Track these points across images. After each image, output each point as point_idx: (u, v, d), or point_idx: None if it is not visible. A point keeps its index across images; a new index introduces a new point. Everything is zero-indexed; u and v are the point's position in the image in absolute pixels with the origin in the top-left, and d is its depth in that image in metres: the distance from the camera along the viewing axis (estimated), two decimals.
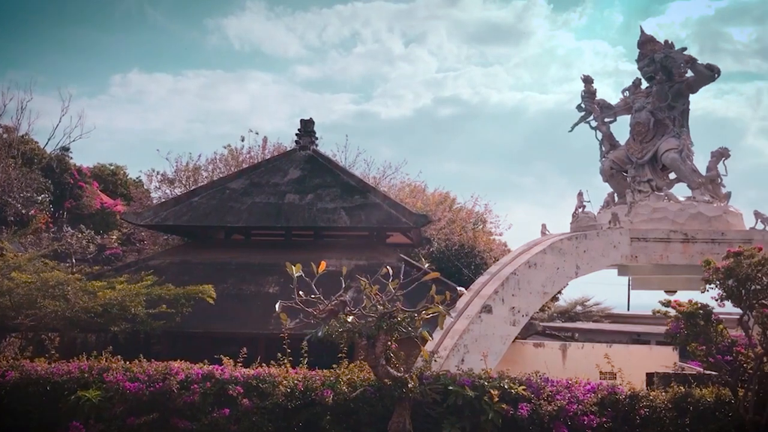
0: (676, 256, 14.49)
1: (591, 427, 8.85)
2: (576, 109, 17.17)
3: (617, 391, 9.33)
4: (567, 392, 9.23)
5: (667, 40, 15.84)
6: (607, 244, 14.45)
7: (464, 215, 27.13)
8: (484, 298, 13.03)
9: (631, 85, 16.69)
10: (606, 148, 16.71)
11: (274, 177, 19.38)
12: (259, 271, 17.25)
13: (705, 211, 14.91)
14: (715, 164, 15.53)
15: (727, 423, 8.95)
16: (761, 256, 9.13)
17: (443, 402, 9.12)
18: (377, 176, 27.64)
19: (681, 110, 15.91)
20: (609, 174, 16.49)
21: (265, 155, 27.05)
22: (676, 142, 15.51)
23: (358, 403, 9.22)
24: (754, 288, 9.06)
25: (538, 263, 13.75)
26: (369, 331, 8.44)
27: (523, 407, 8.87)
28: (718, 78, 15.64)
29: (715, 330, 9.27)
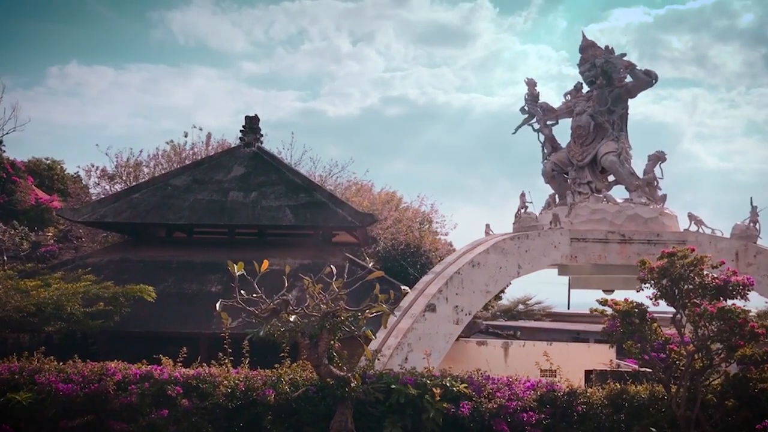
0: (614, 256, 14.88)
1: (530, 423, 9.01)
2: (520, 112, 17.45)
3: (556, 388, 9.53)
4: (507, 390, 9.38)
5: (607, 46, 16.24)
6: (548, 244, 14.73)
7: (411, 215, 27.26)
8: (429, 297, 13.13)
9: (572, 89, 17.06)
10: (548, 150, 17.03)
11: (217, 174, 19.07)
12: (201, 270, 16.95)
13: (642, 212, 15.35)
14: (652, 167, 16.00)
15: (660, 418, 9.24)
16: (694, 256, 9.45)
17: (386, 401, 9.15)
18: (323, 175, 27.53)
19: (620, 114, 16.33)
20: (551, 176, 16.80)
21: (208, 152, 26.60)
22: (615, 146, 15.91)
23: (300, 403, 9.17)
24: (686, 287, 9.38)
25: (482, 263, 13.93)
26: (312, 330, 8.40)
27: (465, 405, 8.97)
28: (655, 83, 16.13)
29: (649, 328, 9.55)
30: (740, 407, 9.04)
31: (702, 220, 15.15)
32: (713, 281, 9.29)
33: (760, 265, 14.44)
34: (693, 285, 9.32)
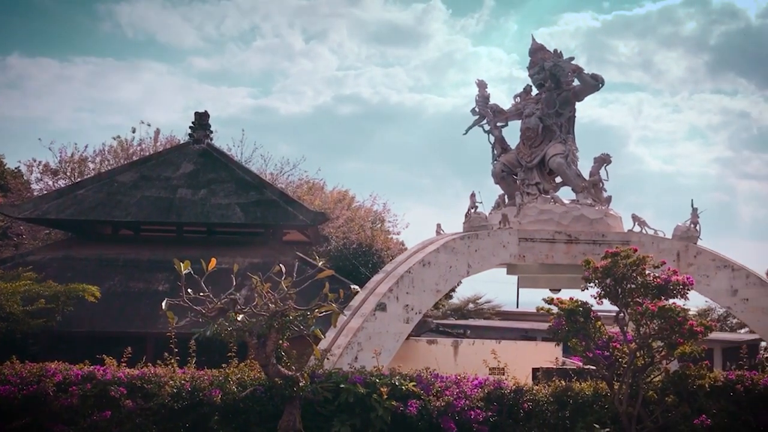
0: (561, 255, 15.16)
1: (477, 421, 9.12)
2: (471, 113, 17.62)
3: (503, 385, 9.67)
4: (456, 388, 9.47)
5: (556, 50, 16.53)
6: (497, 244, 14.92)
7: (363, 214, 27.26)
8: (379, 296, 13.15)
9: (522, 91, 17.29)
10: (498, 151, 17.24)
11: (165, 170, 18.71)
12: (148, 268, 16.61)
13: (587, 213, 15.68)
14: (598, 169, 16.35)
15: (604, 415, 9.47)
16: (636, 256, 9.70)
17: (335, 400, 9.13)
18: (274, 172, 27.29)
19: (568, 117, 16.64)
20: (500, 176, 17.02)
21: (157, 148, 26.08)
22: (563, 148, 16.21)
23: (247, 403, 9.08)
24: (629, 286, 9.63)
25: (432, 262, 14.01)
26: (260, 329, 8.31)
27: (413, 403, 9.02)
28: (602, 87, 16.47)
29: (593, 326, 9.76)
30: (679, 403, 9.33)
31: (645, 221, 15.55)
32: (655, 281, 9.56)
33: (699, 266, 14.91)
34: (635, 284, 9.57)
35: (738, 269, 14.78)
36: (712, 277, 14.81)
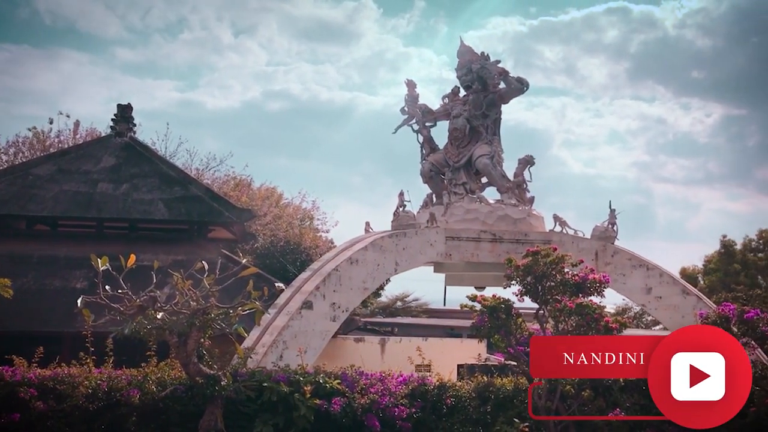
0: (486, 254, 15.47)
1: (401, 417, 9.19)
2: (400, 112, 17.76)
3: (426, 382, 9.78)
4: (380, 385, 9.52)
5: (483, 52, 16.85)
6: (424, 242, 15.09)
7: (291, 211, 27.02)
8: (305, 294, 13.05)
9: (450, 92, 17.55)
10: (426, 151, 17.45)
11: (85, 164, 18.04)
12: (65, 265, 15.98)
13: (511, 213, 16.06)
14: (522, 171, 16.77)
15: (523, 409, 9.68)
16: (556, 255, 9.97)
17: (258, 399, 9.03)
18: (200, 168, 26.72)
19: (494, 119, 16.99)
20: (428, 176, 17.22)
21: (76, 140, 25.11)
22: (489, 149, 16.55)
23: (167, 403, 8.87)
24: (549, 284, 9.89)
25: (360, 260, 14.03)
26: (180, 328, 8.12)
27: (337, 401, 9.01)
28: (527, 90, 16.92)
29: (515, 323, 9.98)
30: (595, 397, 9.63)
31: (566, 221, 16.06)
32: (573, 279, 9.84)
33: (616, 264, 15.50)
34: (555, 282, 9.83)
35: (652, 268, 15.44)
36: (628, 275, 15.42)
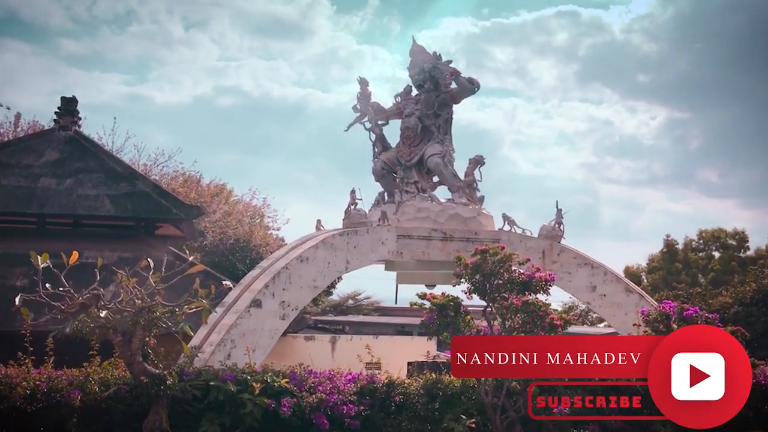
0: (436, 252, 15.61)
1: (350, 415, 9.18)
2: (352, 110, 17.75)
3: (375, 380, 9.80)
4: (329, 383, 9.49)
5: (435, 52, 16.99)
6: (375, 241, 15.13)
7: (241, 208, 26.67)
8: (254, 293, 12.94)
9: (402, 91, 17.63)
10: (378, 149, 17.49)
11: (26, 158, 17.45)
12: (4, 262, 15.43)
13: (462, 212, 16.24)
14: (472, 170, 16.98)
15: (471, 406, 9.81)
16: (503, 254, 10.11)
17: (204, 398, 8.91)
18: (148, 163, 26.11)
19: (445, 118, 17.16)
20: (380, 174, 17.27)
21: (17, 133, 24.27)
22: (440, 148, 16.69)
23: (110, 403, 8.69)
24: (496, 282, 10.03)
25: (310, 258, 13.98)
26: (124, 326, 7.95)
27: (285, 400, 8.95)
28: (478, 91, 17.15)
29: (463, 320, 10.08)
30: (540, 392, 9.81)
31: (514, 220, 16.33)
32: (520, 277, 10.01)
33: (563, 263, 15.82)
34: (502, 280, 9.97)
35: (597, 267, 15.82)
36: (573, 273, 15.76)
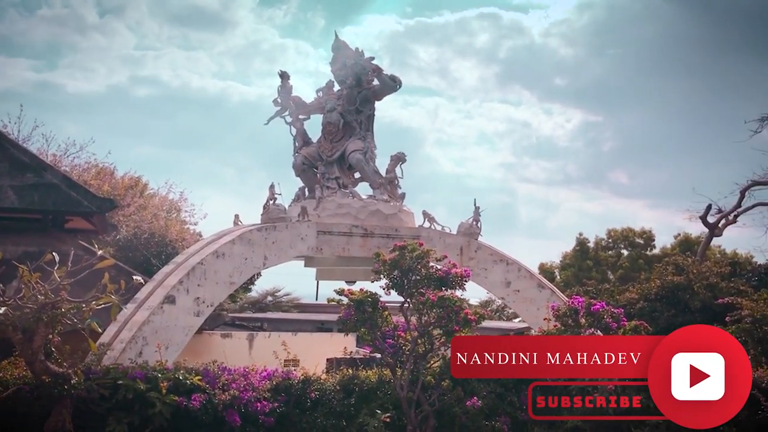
0: (357, 249, 15.60)
1: (264, 412, 9.09)
2: (273, 104, 17.52)
3: (291, 376, 9.73)
4: (243, 380, 9.37)
5: (357, 48, 16.95)
6: (295, 236, 14.98)
7: (157, 202, 25.89)
8: (168, 288, 12.59)
9: (325, 86, 17.52)
10: (299, 144, 17.32)
11: None
12: None
13: (383, 209, 16.30)
14: (394, 167, 17.07)
15: (386, 400, 9.90)
16: (421, 250, 10.25)
17: (112, 397, 8.61)
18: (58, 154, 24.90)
19: (368, 115, 17.16)
20: (301, 169, 17.11)
21: None
22: (362, 144, 16.70)
23: (9, 404, 8.28)
24: (414, 278, 10.16)
25: (227, 253, 13.71)
26: (25, 323, 7.58)
27: (197, 397, 8.77)
28: (400, 89, 17.20)
29: (380, 316, 10.17)
30: (454, 387, 9.99)
31: (434, 217, 16.55)
32: (437, 273, 10.18)
33: (479, 259, 16.14)
34: (419, 276, 10.12)
35: (512, 263, 16.21)
36: (489, 270, 16.10)
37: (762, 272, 20.79)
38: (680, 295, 18.45)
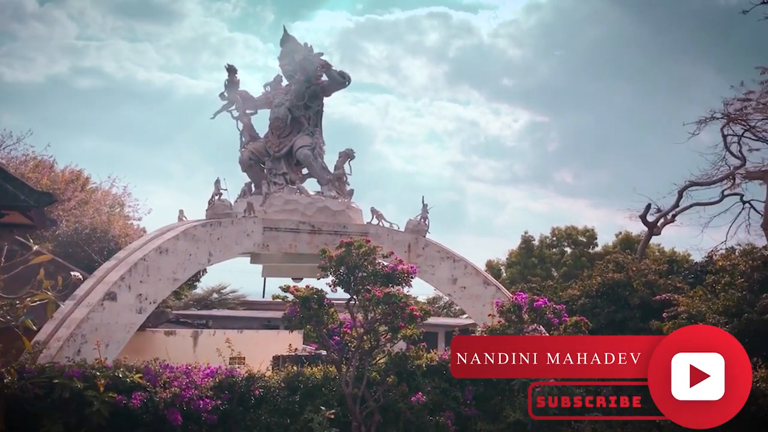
0: (304, 245, 15.52)
1: (206, 410, 8.96)
2: (220, 98, 17.26)
3: (234, 374, 9.62)
4: (185, 378, 9.21)
5: (306, 43, 16.86)
6: (240, 233, 14.80)
7: (99, 197, 25.22)
8: (109, 285, 12.27)
9: (273, 80, 17.36)
10: (246, 138, 17.12)
11: None
12: None
13: (331, 205, 16.25)
14: (342, 163, 17.04)
15: (331, 397, 9.87)
16: (368, 246, 10.23)
17: (48, 397, 8.34)
18: None
19: (316, 111, 17.08)
20: (248, 164, 16.92)
21: None
22: (310, 140, 16.61)
23: None
24: (360, 275, 10.13)
25: (170, 249, 13.45)
26: None
27: (137, 396, 8.58)
28: (348, 85, 17.19)
29: (326, 313, 10.12)
30: (399, 382, 10.04)
31: (382, 214, 16.59)
32: (383, 270, 10.18)
33: (427, 256, 16.26)
34: (366, 272, 10.09)
35: (458, 260, 16.39)
36: (436, 267, 16.24)
37: (698, 270, 21.53)
38: (620, 291, 19.00)
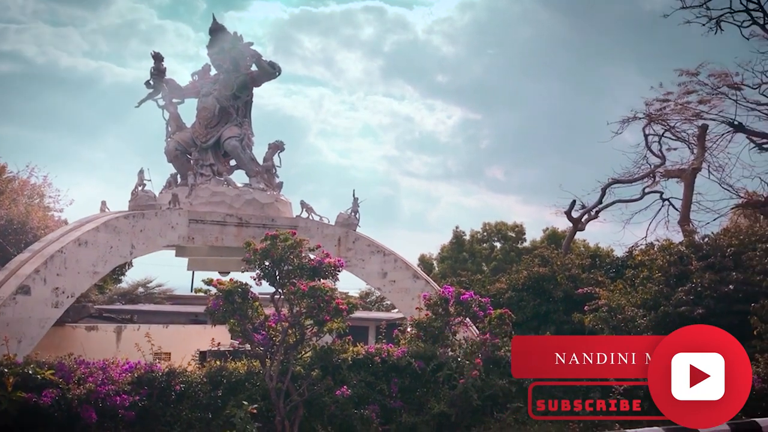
0: (231, 238, 15.24)
1: (124, 406, 8.67)
2: (145, 86, 16.75)
3: (155, 369, 9.35)
4: (102, 373, 8.89)
5: (236, 33, 16.53)
6: (165, 225, 14.42)
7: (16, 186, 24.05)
8: (22, 278, 11.74)
9: (201, 69, 16.97)
10: (172, 128, 16.68)
11: None
12: None
13: (259, 198, 16.01)
14: (272, 156, 16.82)
15: (255, 392, 9.71)
16: (294, 240, 10.11)
17: None
18: None
19: (245, 101, 16.79)
20: (173, 155, 16.49)
21: None
22: (238, 131, 16.31)
23: None
24: (286, 268, 10.01)
25: (90, 241, 12.98)
26: None
27: (48, 393, 8.22)
28: (279, 75, 16.95)
29: (251, 307, 9.94)
30: (324, 376, 9.98)
31: (312, 207, 16.46)
32: (309, 263, 10.08)
33: (357, 250, 16.24)
34: (292, 266, 9.98)
35: (388, 254, 16.43)
36: (367, 260, 16.25)
37: (619, 264, 22.28)
38: (545, 285, 19.50)
